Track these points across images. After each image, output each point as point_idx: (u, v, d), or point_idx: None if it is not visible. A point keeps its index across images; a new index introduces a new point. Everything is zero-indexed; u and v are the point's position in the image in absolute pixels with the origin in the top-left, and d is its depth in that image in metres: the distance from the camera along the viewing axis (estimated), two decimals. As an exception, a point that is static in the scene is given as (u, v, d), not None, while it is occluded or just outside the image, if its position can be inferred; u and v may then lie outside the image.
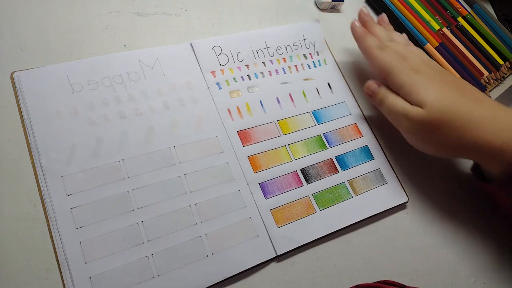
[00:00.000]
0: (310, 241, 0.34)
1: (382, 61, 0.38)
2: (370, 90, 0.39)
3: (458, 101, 0.34)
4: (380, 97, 0.38)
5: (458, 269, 0.38)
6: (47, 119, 0.31)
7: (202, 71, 0.37)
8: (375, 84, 0.39)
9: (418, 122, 0.34)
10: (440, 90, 0.34)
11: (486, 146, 0.33)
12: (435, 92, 0.34)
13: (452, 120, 0.33)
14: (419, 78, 0.35)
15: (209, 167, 0.34)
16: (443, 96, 0.34)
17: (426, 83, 0.35)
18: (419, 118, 0.34)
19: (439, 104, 0.33)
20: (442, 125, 0.33)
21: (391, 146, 0.42)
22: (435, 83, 0.35)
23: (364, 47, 0.40)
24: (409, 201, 0.39)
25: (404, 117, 0.35)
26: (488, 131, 0.32)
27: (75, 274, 0.27)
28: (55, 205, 0.29)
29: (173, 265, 0.30)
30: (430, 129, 0.34)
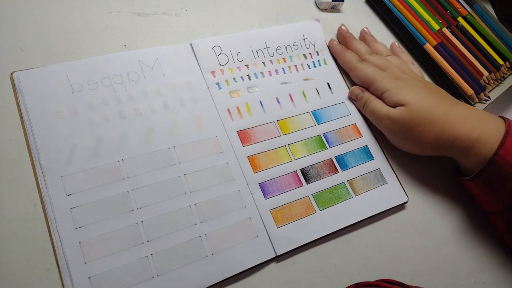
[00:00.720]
0: (309, 241, 0.34)
1: (363, 72, 0.41)
2: (354, 94, 0.42)
3: (437, 102, 0.37)
4: (364, 101, 0.40)
5: (458, 269, 0.38)
6: (47, 119, 0.31)
7: (202, 71, 0.37)
8: (358, 89, 0.41)
9: (399, 121, 0.37)
10: (420, 93, 0.38)
11: (463, 140, 0.36)
12: (415, 94, 0.37)
13: (432, 119, 0.36)
14: (401, 84, 0.39)
15: (209, 167, 0.34)
16: (423, 97, 0.37)
17: (407, 87, 0.38)
18: (401, 117, 0.37)
19: (420, 104, 0.37)
20: (422, 123, 0.36)
21: (391, 146, 0.42)
22: (415, 88, 0.38)
23: (344, 61, 0.43)
24: (409, 201, 0.39)
25: (386, 118, 0.38)
26: (464, 127, 0.36)
27: (74, 274, 0.27)
28: (55, 205, 0.29)
29: (173, 265, 0.30)
30: (411, 127, 0.37)
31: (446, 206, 0.41)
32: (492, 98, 0.49)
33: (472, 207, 0.42)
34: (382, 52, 0.44)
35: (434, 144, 0.37)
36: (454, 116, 0.36)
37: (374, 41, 0.46)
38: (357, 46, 0.44)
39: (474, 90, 0.47)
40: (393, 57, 0.44)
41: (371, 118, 0.41)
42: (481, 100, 0.48)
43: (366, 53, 0.43)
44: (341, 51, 0.43)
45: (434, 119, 0.36)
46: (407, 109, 0.37)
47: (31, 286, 0.27)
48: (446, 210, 0.41)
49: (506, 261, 0.40)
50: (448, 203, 0.41)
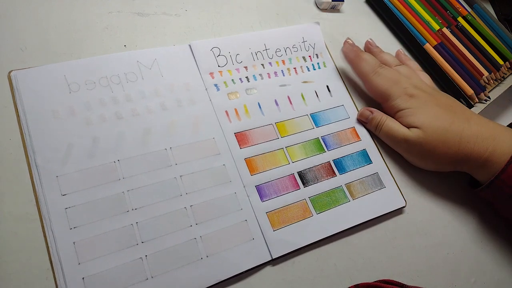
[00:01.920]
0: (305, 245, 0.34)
1: (379, 88, 0.41)
2: (364, 117, 0.41)
3: (451, 121, 0.38)
4: (376, 123, 0.40)
5: (458, 269, 0.38)
6: (44, 119, 0.31)
7: (200, 72, 0.37)
8: (367, 111, 0.41)
9: (416, 144, 0.38)
10: (434, 112, 0.38)
11: (476, 159, 0.37)
12: (430, 115, 0.38)
13: (447, 140, 0.37)
14: (415, 103, 0.39)
15: (206, 169, 0.34)
16: (437, 118, 0.38)
17: (421, 106, 0.39)
18: (418, 140, 0.38)
19: (435, 125, 0.37)
20: (438, 144, 0.37)
21: (389, 150, 0.41)
22: (429, 106, 0.39)
23: (359, 72, 0.42)
24: (409, 201, 0.39)
25: (403, 141, 0.39)
26: (477, 146, 0.37)
27: (68, 274, 0.27)
28: (50, 205, 0.29)
29: (167, 267, 0.30)
30: (428, 149, 0.38)
31: (446, 206, 0.41)
32: (492, 98, 0.49)
33: (472, 208, 0.42)
34: (390, 63, 0.44)
35: (449, 163, 0.38)
36: (467, 135, 0.37)
37: (381, 52, 0.46)
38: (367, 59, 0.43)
39: (474, 90, 0.47)
40: (402, 67, 0.43)
41: (386, 140, 0.41)
42: (481, 100, 0.48)
43: (376, 65, 0.42)
44: (356, 60, 0.42)
45: (449, 141, 0.37)
46: (422, 132, 0.37)
47: (31, 286, 0.27)
48: (446, 210, 0.41)
49: (506, 261, 0.40)
50: (448, 204, 0.41)
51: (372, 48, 0.46)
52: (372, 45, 0.46)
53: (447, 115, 0.38)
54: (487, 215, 0.42)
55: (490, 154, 0.37)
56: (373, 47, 0.46)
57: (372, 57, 0.43)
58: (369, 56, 0.43)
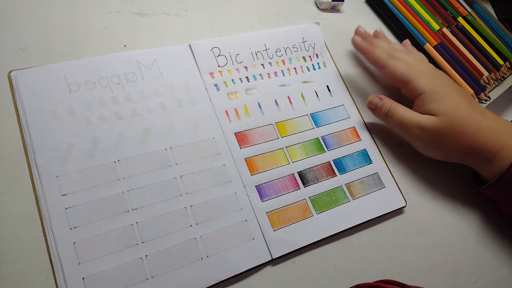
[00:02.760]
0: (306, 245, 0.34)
1: (397, 70, 0.39)
2: (373, 104, 0.40)
3: (469, 112, 0.37)
4: (386, 110, 0.39)
5: (458, 269, 0.38)
6: (44, 119, 0.31)
7: (201, 72, 0.37)
8: (377, 98, 0.40)
9: (431, 130, 0.37)
10: (456, 99, 0.37)
11: (486, 152, 0.36)
12: (452, 102, 0.37)
13: (463, 130, 0.36)
14: (437, 85, 0.38)
15: (206, 169, 0.34)
16: (457, 106, 0.37)
17: (444, 91, 0.37)
18: (433, 127, 0.36)
19: (453, 115, 0.36)
20: (454, 133, 0.36)
21: (390, 150, 0.41)
22: (451, 92, 0.37)
23: (375, 59, 0.41)
24: (409, 201, 0.39)
25: (416, 127, 0.37)
26: (489, 140, 0.36)
27: (68, 274, 0.27)
28: (50, 205, 0.29)
29: (167, 267, 0.30)
30: (443, 137, 0.37)
31: (446, 206, 0.41)
32: (492, 98, 0.49)
33: (472, 208, 0.42)
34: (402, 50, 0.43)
35: (460, 154, 0.38)
36: (483, 127, 0.36)
37: (390, 42, 0.45)
38: (380, 44, 0.42)
39: (474, 90, 0.47)
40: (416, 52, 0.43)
41: (396, 127, 0.39)
42: (481, 100, 0.48)
43: (390, 49, 0.41)
44: (370, 49, 0.42)
45: (465, 130, 0.36)
46: (440, 120, 0.36)
47: (31, 286, 0.27)
48: (446, 210, 0.41)
49: (507, 261, 0.40)
50: (448, 204, 0.41)
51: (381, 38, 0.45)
52: (380, 35, 0.46)
53: (467, 104, 0.37)
54: (487, 215, 0.42)
55: (500, 148, 0.36)
56: (381, 36, 0.45)
57: (386, 42, 0.43)
58: (382, 42, 0.43)
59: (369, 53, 0.42)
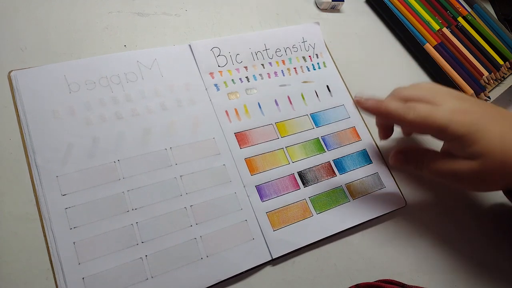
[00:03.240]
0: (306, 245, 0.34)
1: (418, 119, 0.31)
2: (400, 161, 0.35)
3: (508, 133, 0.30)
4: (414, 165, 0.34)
5: (457, 269, 0.38)
6: (44, 119, 0.31)
7: (200, 72, 0.37)
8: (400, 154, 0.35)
9: (470, 176, 0.31)
10: (497, 129, 0.30)
11: None
12: (492, 135, 0.30)
13: (505, 168, 0.30)
14: (472, 121, 0.30)
15: (206, 169, 0.34)
16: (503, 137, 0.30)
17: (480, 125, 0.30)
18: (472, 172, 0.31)
19: (499, 149, 0.30)
20: (498, 168, 0.30)
21: (390, 150, 0.41)
22: (486, 120, 0.31)
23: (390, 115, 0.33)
24: (409, 201, 0.39)
25: (452, 176, 0.32)
26: None
27: (68, 274, 0.27)
28: (50, 205, 0.29)
29: (167, 267, 0.30)
30: (485, 177, 0.31)
31: (446, 206, 0.41)
32: (492, 98, 0.49)
33: (472, 208, 0.42)
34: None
35: (506, 182, 0.32)
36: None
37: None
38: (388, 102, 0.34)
39: (474, 90, 0.47)
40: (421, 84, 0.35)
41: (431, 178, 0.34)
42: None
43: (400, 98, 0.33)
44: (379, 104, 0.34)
45: (506, 168, 0.30)
46: (479, 163, 0.30)
47: (31, 286, 0.27)
48: (446, 210, 0.41)
49: (506, 261, 0.40)
50: (448, 204, 0.41)
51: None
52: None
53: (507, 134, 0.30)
54: (487, 215, 0.42)
55: None
56: None
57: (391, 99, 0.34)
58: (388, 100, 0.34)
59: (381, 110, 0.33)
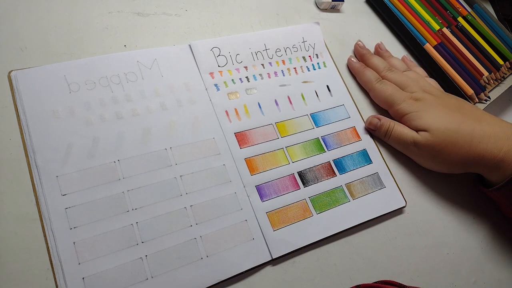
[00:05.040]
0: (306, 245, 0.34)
1: (382, 94, 0.41)
2: (373, 125, 0.41)
3: (460, 122, 0.37)
4: (385, 130, 0.40)
5: (458, 269, 0.38)
6: (44, 119, 0.31)
7: (200, 72, 0.37)
8: (375, 119, 0.41)
9: (426, 146, 0.37)
10: (442, 113, 0.38)
11: (490, 159, 0.36)
12: (437, 116, 0.37)
13: (456, 141, 0.36)
14: (421, 105, 0.39)
15: (206, 169, 0.34)
16: (444, 119, 0.37)
17: (427, 109, 0.38)
18: (427, 142, 0.37)
19: (443, 127, 0.37)
20: (448, 145, 0.37)
21: (390, 150, 0.41)
22: (436, 108, 0.38)
23: (363, 81, 0.43)
24: (409, 201, 0.39)
25: (412, 144, 0.38)
26: (490, 146, 0.36)
27: (68, 274, 0.27)
28: (50, 205, 0.29)
29: (167, 267, 0.30)
30: (438, 150, 0.37)
31: (446, 206, 0.41)
32: (492, 98, 0.49)
33: (472, 208, 0.42)
34: (399, 67, 0.44)
35: (460, 164, 0.38)
36: (479, 135, 0.36)
37: (390, 56, 0.46)
38: (375, 63, 0.43)
39: (474, 90, 0.47)
40: (410, 72, 0.43)
41: (396, 145, 0.40)
42: (481, 100, 0.48)
43: (385, 69, 0.43)
44: (360, 70, 0.43)
45: (459, 141, 0.36)
46: (430, 135, 0.37)
47: (31, 286, 0.27)
48: (446, 210, 0.41)
49: (506, 261, 0.40)
50: (448, 204, 0.41)
51: (382, 52, 0.46)
52: (382, 49, 0.46)
53: (455, 116, 0.38)
54: (487, 215, 0.42)
55: (504, 154, 0.36)
56: (382, 51, 0.46)
57: (382, 61, 0.44)
58: (378, 59, 0.44)
59: (359, 76, 0.43)
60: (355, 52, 0.46)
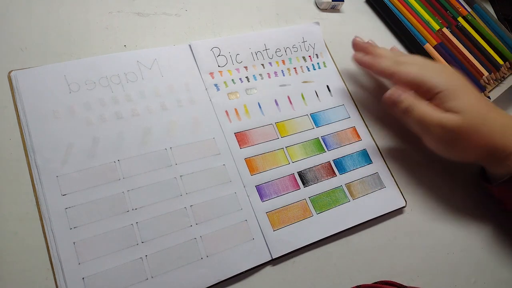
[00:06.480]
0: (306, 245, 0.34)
1: (410, 74, 0.37)
2: (394, 98, 0.37)
3: (488, 109, 0.36)
4: (406, 105, 0.36)
5: (458, 269, 0.38)
6: (44, 119, 0.31)
7: (200, 72, 0.37)
8: (399, 91, 0.37)
9: (453, 129, 0.35)
10: (474, 96, 0.36)
11: (502, 152, 0.35)
12: (471, 99, 0.36)
13: (484, 127, 0.35)
14: (454, 83, 0.36)
15: (206, 169, 0.34)
16: (477, 104, 0.36)
17: (462, 88, 0.36)
18: (455, 125, 0.35)
19: (475, 112, 0.35)
20: (475, 131, 0.35)
21: (390, 150, 0.41)
22: (468, 88, 0.37)
23: (382, 69, 0.39)
24: (409, 201, 0.39)
25: (438, 125, 0.35)
26: (505, 138, 0.35)
27: (68, 275, 0.27)
28: (50, 205, 0.29)
29: (167, 267, 0.30)
30: (463, 136, 0.35)
31: (446, 206, 0.41)
32: (492, 98, 0.49)
33: (472, 208, 0.42)
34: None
35: (477, 153, 0.36)
36: (500, 125, 0.36)
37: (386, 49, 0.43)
38: (382, 52, 0.41)
39: (475, 91, 0.47)
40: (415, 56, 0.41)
41: (415, 124, 0.37)
42: (481, 101, 0.48)
43: (395, 55, 0.40)
44: (374, 61, 0.40)
45: (484, 129, 0.35)
46: (462, 118, 0.34)
47: (31, 286, 0.27)
48: (446, 210, 0.41)
49: (506, 261, 0.40)
50: (448, 204, 0.41)
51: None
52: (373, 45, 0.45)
53: (484, 102, 0.36)
54: (487, 215, 0.42)
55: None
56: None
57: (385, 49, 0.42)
58: (384, 49, 0.42)
59: (375, 65, 0.40)
60: (356, 47, 0.43)
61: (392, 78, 0.39)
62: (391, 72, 0.38)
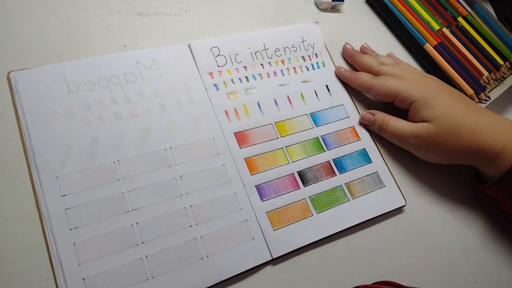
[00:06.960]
0: (306, 245, 0.34)
1: (383, 87, 0.39)
2: (366, 120, 0.41)
3: (464, 113, 0.37)
4: (380, 124, 0.40)
5: (458, 269, 0.38)
6: (43, 119, 0.31)
7: (200, 72, 0.37)
8: (368, 114, 0.41)
9: (427, 138, 0.37)
10: (449, 102, 0.37)
11: (488, 152, 0.36)
12: (445, 106, 0.37)
13: (459, 132, 0.36)
14: (428, 91, 0.38)
15: (205, 169, 0.34)
16: (452, 109, 0.37)
17: (436, 95, 0.37)
18: (428, 133, 0.37)
19: (448, 117, 0.36)
20: (451, 136, 0.36)
21: (389, 149, 0.41)
22: (443, 94, 0.38)
23: (359, 84, 0.41)
24: (409, 201, 0.39)
25: (412, 136, 0.38)
26: (490, 139, 0.36)
27: (68, 275, 0.27)
28: (50, 206, 0.29)
29: (168, 268, 0.30)
30: (439, 142, 0.37)
31: (445, 206, 0.41)
32: (492, 98, 0.49)
33: (472, 207, 0.42)
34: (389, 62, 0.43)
35: (460, 155, 0.37)
36: (481, 127, 0.36)
37: (377, 55, 0.45)
38: (367, 60, 0.42)
39: (474, 90, 0.47)
40: (403, 63, 0.43)
41: (392, 139, 0.40)
42: (481, 100, 0.48)
43: (378, 65, 0.42)
44: (352, 76, 0.42)
45: (462, 132, 0.36)
46: (433, 125, 0.37)
47: (31, 286, 0.27)
48: (446, 210, 0.41)
49: (506, 261, 0.40)
50: (448, 204, 0.41)
51: (368, 52, 0.45)
52: (367, 49, 0.46)
53: (460, 106, 0.37)
54: (487, 214, 0.42)
55: (503, 146, 0.36)
56: (369, 51, 0.45)
57: (373, 57, 0.43)
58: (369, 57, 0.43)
59: (352, 81, 0.42)
60: (344, 54, 0.45)
61: (369, 92, 0.41)
62: (368, 86, 0.41)
